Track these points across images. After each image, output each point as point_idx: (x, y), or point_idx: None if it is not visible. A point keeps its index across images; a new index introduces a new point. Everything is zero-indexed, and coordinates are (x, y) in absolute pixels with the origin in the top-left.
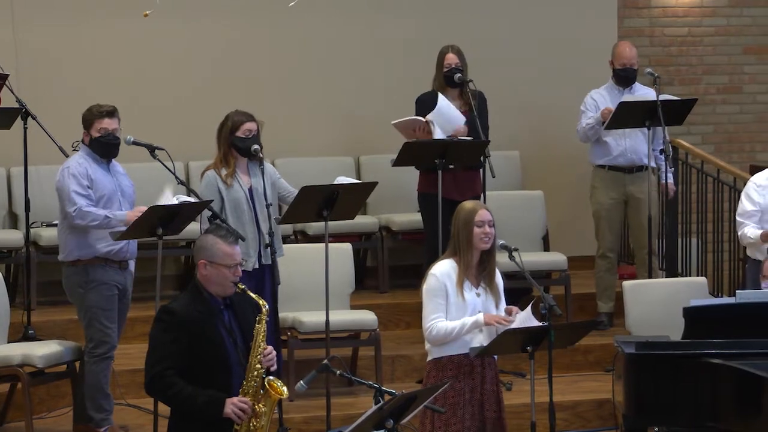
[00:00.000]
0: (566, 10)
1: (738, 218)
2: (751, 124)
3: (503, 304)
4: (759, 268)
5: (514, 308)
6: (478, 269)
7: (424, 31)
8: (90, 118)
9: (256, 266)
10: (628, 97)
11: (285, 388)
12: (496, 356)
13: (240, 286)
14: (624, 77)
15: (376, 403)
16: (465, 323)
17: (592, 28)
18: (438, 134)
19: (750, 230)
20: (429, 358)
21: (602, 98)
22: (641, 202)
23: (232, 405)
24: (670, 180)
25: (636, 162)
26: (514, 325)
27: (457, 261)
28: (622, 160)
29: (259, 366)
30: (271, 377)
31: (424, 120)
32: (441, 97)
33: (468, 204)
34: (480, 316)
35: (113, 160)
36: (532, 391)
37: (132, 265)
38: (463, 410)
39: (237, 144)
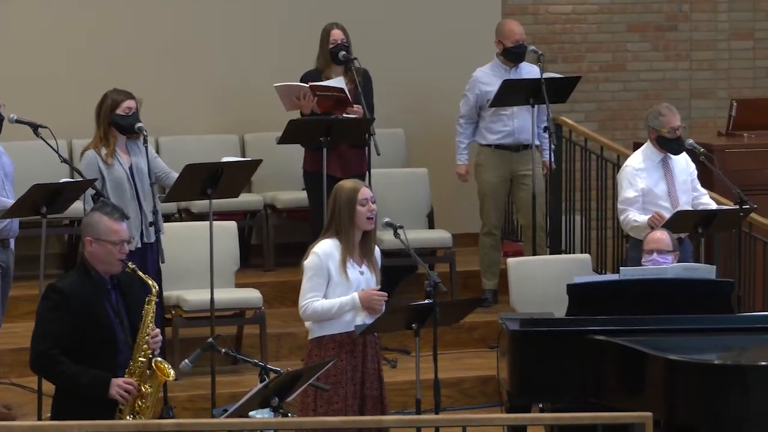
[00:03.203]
0: None
1: (620, 205)
2: (634, 102)
3: (379, 279)
4: (641, 247)
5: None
6: (360, 247)
7: (308, 8)
8: None
9: (139, 245)
10: (514, 76)
11: (172, 371)
12: (377, 334)
13: (130, 265)
14: (518, 53)
15: (261, 381)
16: (342, 304)
17: (476, 5)
18: (337, 83)
19: (633, 215)
20: (310, 337)
21: (488, 77)
22: (528, 179)
23: (117, 386)
24: (548, 158)
25: (523, 141)
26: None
27: (339, 240)
28: (509, 140)
29: (146, 347)
30: (159, 359)
31: (307, 86)
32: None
33: (348, 183)
34: (355, 295)
35: None
36: (417, 368)
37: (12, 243)
38: (345, 388)
39: (118, 122)
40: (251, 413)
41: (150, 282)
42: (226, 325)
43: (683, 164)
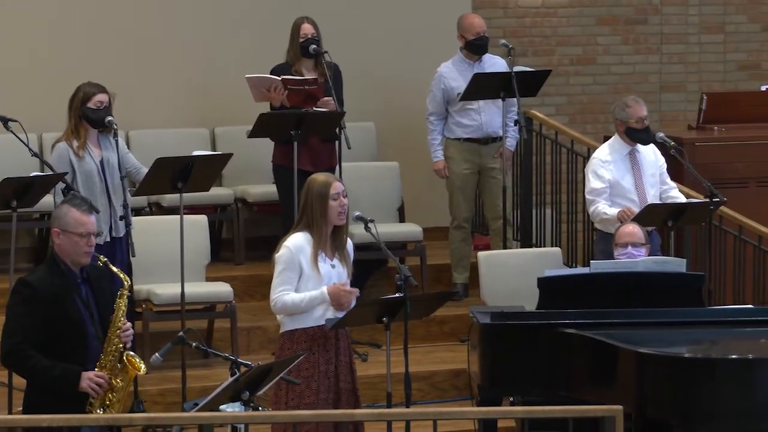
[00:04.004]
0: None
1: (588, 196)
2: (604, 95)
3: (350, 273)
4: (609, 240)
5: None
6: (332, 240)
7: (278, 2)
8: None
9: (108, 239)
10: (478, 69)
11: (143, 365)
12: (347, 328)
13: (102, 259)
14: (480, 46)
15: (232, 375)
16: (312, 297)
17: None
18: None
19: (603, 207)
20: (282, 330)
21: (452, 72)
22: (496, 172)
23: (88, 379)
24: (511, 145)
25: (491, 134)
26: None
27: (311, 234)
28: (478, 134)
29: (117, 340)
30: (131, 353)
31: (279, 79)
32: None
33: (320, 177)
34: (324, 289)
35: None
36: (387, 362)
37: None
38: (318, 382)
39: (88, 115)
40: (222, 407)
41: (122, 275)
42: (197, 319)
43: (652, 157)
